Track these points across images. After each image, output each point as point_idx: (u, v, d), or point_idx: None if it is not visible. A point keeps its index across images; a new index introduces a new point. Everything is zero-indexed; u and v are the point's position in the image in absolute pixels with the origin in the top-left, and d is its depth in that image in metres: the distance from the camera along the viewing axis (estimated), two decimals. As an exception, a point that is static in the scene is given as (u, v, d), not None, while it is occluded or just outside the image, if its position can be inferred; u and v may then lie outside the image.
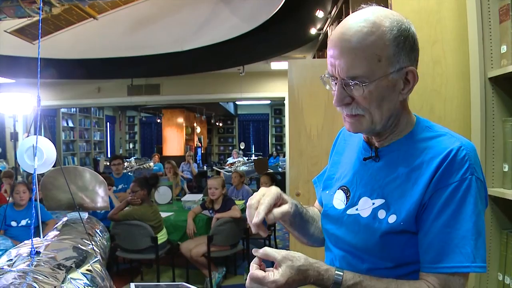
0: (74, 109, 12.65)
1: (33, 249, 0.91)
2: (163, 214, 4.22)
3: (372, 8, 0.89)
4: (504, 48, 1.43)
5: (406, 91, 0.91)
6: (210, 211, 4.11)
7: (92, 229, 1.81)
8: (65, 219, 1.87)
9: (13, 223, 3.63)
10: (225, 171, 9.31)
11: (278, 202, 0.96)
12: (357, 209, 0.96)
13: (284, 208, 0.96)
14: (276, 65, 7.33)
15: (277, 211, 0.94)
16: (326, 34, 4.68)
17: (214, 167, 11.70)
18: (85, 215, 1.95)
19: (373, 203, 0.93)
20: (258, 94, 9.19)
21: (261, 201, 0.91)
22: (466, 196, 0.85)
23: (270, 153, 16.03)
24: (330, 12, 4.36)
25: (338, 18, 3.90)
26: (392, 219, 0.89)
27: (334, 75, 0.89)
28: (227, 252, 3.99)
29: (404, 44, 0.86)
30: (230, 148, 17.22)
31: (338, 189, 1.03)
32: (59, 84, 9.16)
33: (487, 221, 1.49)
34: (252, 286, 0.85)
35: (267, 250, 0.87)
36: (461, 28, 1.61)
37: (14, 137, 6.79)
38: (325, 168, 1.18)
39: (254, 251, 0.88)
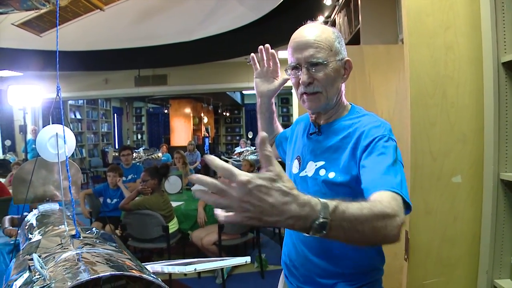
0: (82, 101, 12.73)
1: (77, 233, 0.94)
2: (174, 204, 4.26)
3: (316, 22, 1.26)
4: (517, 33, 1.42)
5: (346, 76, 1.25)
6: (220, 200, 4.13)
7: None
8: (36, 211, 1.84)
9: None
10: (233, 161, 9.33)
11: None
12: (305, 171, 1.27)
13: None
14: (284, 53, 7.24)
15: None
16: (334, 22, 4.64)
17: (222, 157, 11.73)
18: (56, 206, 1.93)
19: (316, 165, 1.24)
20: (265, 83, 9.12)
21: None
22: (386, 144, 1.10)
23: (277, 142, 15.96)
24: (338, 0, 4.32)
25: (346, 6, 3.86)
26: (331, 175, 1.18)
27: (300, 63, 1.19)
28: (237, 241, 4.03)
29: (341, 42, 1.22)
30: (237, 137, 17.20)
31: (295, 159, 1.34)
32: (67, 76, 9.20)
33: (501, 206, 1.50)
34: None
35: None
36: (474, 13, 1.59)
37: (24, 129, 6.83)
38: (285, 130, 1.63)
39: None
